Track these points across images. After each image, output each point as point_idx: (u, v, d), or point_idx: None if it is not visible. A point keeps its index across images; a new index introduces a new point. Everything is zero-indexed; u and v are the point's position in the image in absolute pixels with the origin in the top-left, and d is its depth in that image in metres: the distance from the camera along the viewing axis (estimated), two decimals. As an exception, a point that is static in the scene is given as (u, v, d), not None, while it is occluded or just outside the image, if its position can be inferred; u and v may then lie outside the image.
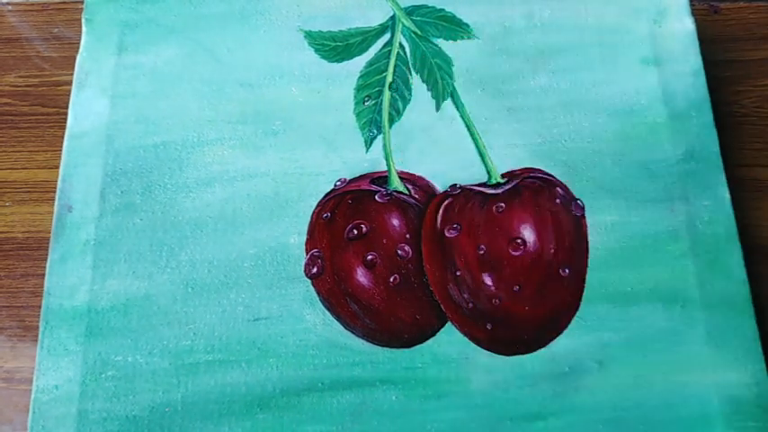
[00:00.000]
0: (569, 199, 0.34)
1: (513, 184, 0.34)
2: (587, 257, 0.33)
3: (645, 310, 0.32)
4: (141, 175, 0.34)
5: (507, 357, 0.31)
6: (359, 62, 0.37)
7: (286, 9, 0.38)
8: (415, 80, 0.36)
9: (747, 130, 0.37)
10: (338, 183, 0.34)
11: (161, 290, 0.32)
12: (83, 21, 0.37)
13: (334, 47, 0.37)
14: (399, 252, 0.33)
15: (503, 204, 0.33)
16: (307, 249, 0.33)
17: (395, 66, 0.36)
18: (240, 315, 0.32)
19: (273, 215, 0.34)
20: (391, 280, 0.32)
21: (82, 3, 0.38)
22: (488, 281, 0.32)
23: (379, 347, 0.32)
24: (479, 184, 0.34)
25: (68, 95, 0.36)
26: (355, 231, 0.33)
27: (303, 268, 0.33)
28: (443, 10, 0.38)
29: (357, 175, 0.34)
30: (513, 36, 0.37)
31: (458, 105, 0.36)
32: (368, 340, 0.32)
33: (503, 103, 0.36)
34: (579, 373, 0.31)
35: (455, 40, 0.37)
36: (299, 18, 0.38)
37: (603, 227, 0.33)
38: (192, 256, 0.33)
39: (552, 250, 0.33)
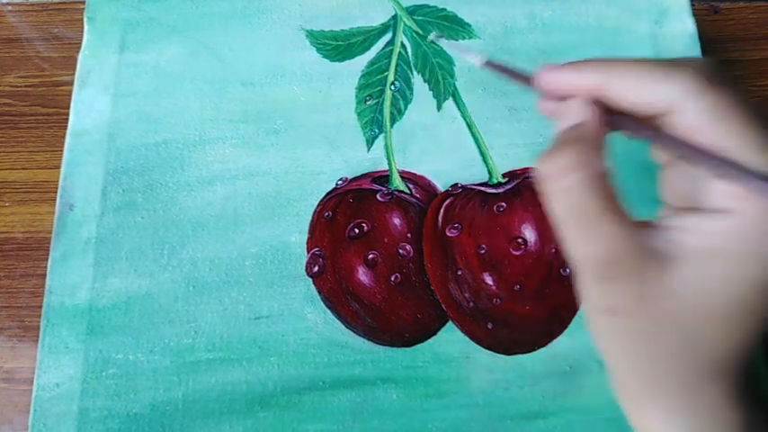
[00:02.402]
0: (570, 199, 0.34)
1: (513, 183, 0.34)
2: (588, 257, 0.33)
3: (645, 309, 0.32)
4: (143, 174, 0.34)
5: (508, 357, 0.31)
6: (360, 61, 0.37)
7: (288, 8, 0.38)
8: (417, 80, 0.36)
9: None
10: (339, 182, 0.34)
11: (162, 288, 0.32)
12: (84, 19, 0.37)
13: (336, 46, 0.37)
14: (400, 251, 0.33)
15: (504, 204, 0.33)
16: (308, 248, 0.33)
17: (396, 65, 0.36)
18: (241, 313, 0.32)
19: (275, 214, 0.34)
20: (392, 279, 0.32)
21: (82, 2, 0.38)
22: (489, 280, 0.32)
23: (380, 346, 0.32)
24: (480, 184, 0.34)
25: (68, 96, 0.36)
26: (356, 230, 0.33)
27: (304, 267, 0.33)
28: (445, 10, 0.38)
29: (358, 174, 0.34)
30: (514, 36, 0.37)
31: (459, 105, 0.36)
32: (369, 339, 0.32)
33: (504, 103, 0.36)
34: (580, 372, 0.31)
35: (456, 39, 0.37)
36: (300, 17, 0.38)
37: (604, 227, 0.33)
38: (194, 255, 0.33)
39: (553, 250, 0.33)
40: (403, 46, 0.37)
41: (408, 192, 0.34)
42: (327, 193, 0.34)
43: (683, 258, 0.20)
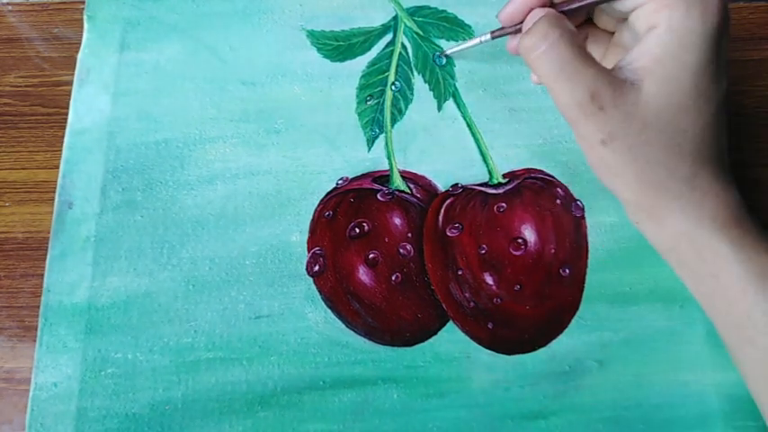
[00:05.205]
0: (569, 200, 0.34)
1: (514, 184, 0.34)
2: (587, 258, 0.33)
3: (644, 309, 0.32)
4: (143, 172, 0.34)
5: (508, 356, 0.31)
6: (361, 62, 0.37)
7: (289, 8, 0.38)
8: (417, 80, 0.36)
9: (747, 130, 0.37)
10: (340, 181, 0.34)
11: (162, 287, 0.32)
12: (84, 18, 0.37)
13: (337, 46, 0.37)
14: (401, 251, 0.33)
15: (504, 204, 0.33)
16: (308, 247, 0.33)
17: (397, 65, 0.37)
18: (241, 313, 0.32)
19: (275, 213, 0.34)
20: (393, 278, 0.32)
21: (82, 2, 0.38)
22: (489, 280, 0.32)
23: (381, 346, 0.31)
24: (481, 184, 0.34)
25: (68, 96, 0.36)
26: (357, 230, 0.33)
27: (305, 266, 0.33)
28: (445, 11, 0.38)
29: (359, 173, 0.34)
30: (514, 37, 0.37)
31: (459, 105, 0.36)
32: (369, 338, 0.32)
33: (504, 104, 0.36)
34: (580, 372, 0.31)
35: (456, 40, 0.37)
36: (301, 17, 0.38)
37: (603, 228, 0.33)
38: (194, 254, 0.33)
39: (552, 250, 0.33)
40: (403, 46, 0.37)
41: (409, 191, 0.34)
42: (328, 193, 0.34)
43: (646, 76, 0.25)
